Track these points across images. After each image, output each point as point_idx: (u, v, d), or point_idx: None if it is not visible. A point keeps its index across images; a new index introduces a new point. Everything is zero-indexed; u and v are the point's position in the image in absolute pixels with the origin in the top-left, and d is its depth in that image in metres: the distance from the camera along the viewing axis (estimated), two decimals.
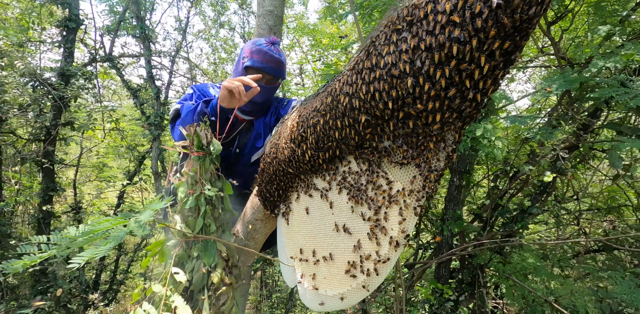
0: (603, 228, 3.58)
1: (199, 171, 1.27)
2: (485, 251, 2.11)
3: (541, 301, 1.83)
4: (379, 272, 0.89)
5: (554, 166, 2.11)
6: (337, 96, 0.92)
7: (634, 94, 1.33)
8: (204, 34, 7.81)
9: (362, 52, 0.87)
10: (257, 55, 1.57)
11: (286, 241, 1.26)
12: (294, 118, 1.16)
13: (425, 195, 0.81)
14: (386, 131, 0.84)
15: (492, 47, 0.65)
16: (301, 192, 1.19)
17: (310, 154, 1.07)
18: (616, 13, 1.65)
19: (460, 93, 0.70)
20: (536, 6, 0.62)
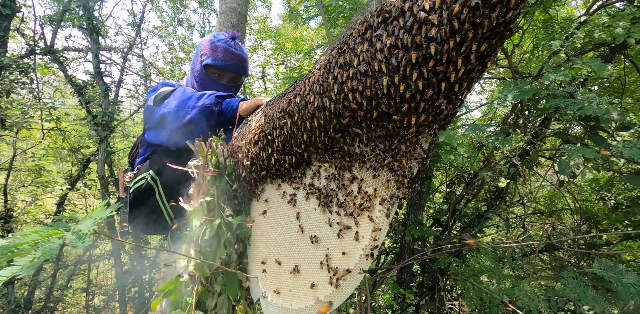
0: (545, 230, 3.85)
1: (216, 194, 1.15)
2: (445, 255, 2.15)
3: (497, 302, 1.90)
4: (348, 283, 0.83)
5: (508, 172, 2.23)
6: (306, 95, 0.87)
7: (580, 105, 1.42)
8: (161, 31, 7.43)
9: (334, 50, 0.83)
10: (218, 52, 1.46)
11: (250, 250, 1.17)
12: (258, 119, 1.09)
13: (398, 201, 0.78)
14: (359, 133, 0.80)
15: (470, 49, 0.64)
16: (264, 198, 1.12)
17: (276, 157, 1.00)
18: (563, 30, 1.78)
19: (437, 95, 0.68)
20: (513, 10, 0.62)
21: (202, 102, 1.22)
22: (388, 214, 0.79)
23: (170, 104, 1.29)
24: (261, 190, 1.13)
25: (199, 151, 1.22)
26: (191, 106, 1.24)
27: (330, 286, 0.86)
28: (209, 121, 1.25)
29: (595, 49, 1.99)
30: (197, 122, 1.25)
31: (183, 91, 1.32)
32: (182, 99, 1.28)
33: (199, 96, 1.26)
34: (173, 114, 1.27)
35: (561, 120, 2.29)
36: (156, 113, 1.34)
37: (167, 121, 1.29)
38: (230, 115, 1.27)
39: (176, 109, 1.26)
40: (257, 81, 6.29)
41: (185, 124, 1.25)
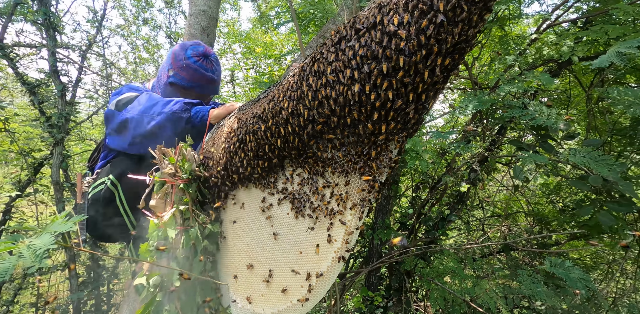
0: (502, 232, 4.09)
1: (190, 202, 1.10)
2: (411, 257, 2.23)
3: (459, 301, 1.99)
4: (321, 286, 0.85)
5: (468, 177, 2.36)
6: (280, 102, 0.88)
7: (533, 115, 1.54)
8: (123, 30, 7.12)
9: (308, 59, 0.86)
10: (185, 72, 1.39)
11: (219, 256, 1.15)
12: (230, 124, 1.09)
13: (369, 204, 0.81)
14: (331, 139, 0.83)
15: (435, 63, 0.69)
16: (236, 203, 1.11)
17: (249, 162, 1.00)
18: (517, 46, 1.93)
19: (405, 105, 0.72)
20: (474, 28, 0.68)
21: (170, 108, 1.19)
22: (360, 217, 0.82)
23: (133, 110, 1.24)
24: (233, 195, 1.12)
25: (169, 157, 1.19)
26: (157, 112, 1.20)
27: (303, 290, 0.87)
28: (175, 128, 1.21)
29: (544, 64, 2.18)
30: (162, 129, 1.21)
31: (148, 97, 1.28)
32: (147, 105, 1.23)
33: (166, 102, 1.22)
34: (136, 120, 1.22)
35: (515, 129, 2.47)
36: (117, 118, 1.28)
37: (130, 126, 1.25)
38: (199, 122, 1.24)
39: (140, 115, 1.22)
40: (226, 84, 6.20)
41: (149, 131, 1.21)
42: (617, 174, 1.43)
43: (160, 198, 1.20)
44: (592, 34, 1.76)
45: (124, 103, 1.29)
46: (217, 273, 1.15)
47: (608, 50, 1.21)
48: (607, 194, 1.81)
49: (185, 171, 1.16)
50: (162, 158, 1.21)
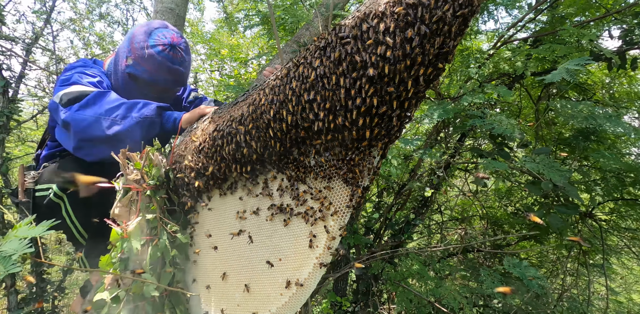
0: (459, 235, 4.30)
1: (158, 210, 1.02)
2: (378, 261, 2.27)
3: (424, 303, 2.05)
4: (301, 293, 0.84)
5: (432, 183, 2.47)
6: (261, 105, 0.86)
7: (494, 124, 1.65)
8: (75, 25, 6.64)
9: (290, 63, 0.85)
10: (147, 64, 1.21)
11: (189, 266, 1.09)
12: (205, 127, 1.05)
13: (351, 210, 0.82)
14: (315, 144, 0.83)
15: (418, 72, 0.71)
16: (210, 209, 1.07)
17: (225, 166, 0.97)
18: (476, 60, 2.07)
19: (390, 111, 0.74)
20: (453, 40, 0.71)
21: (140, 113, 1.10)
22: (342, 223, 0.82)
23: (86, 111, 1.09)
24: (207, 201, 1.07)
25: (135, 163, 1.11)
26: (121, 115, 1.09)
27: (283, 298, 0.85)
28: (147, 133, 1.12)
29: (500, 78, 2.35)
30: (129, 134, 1.09)
31: (106, 96, 1.13)
32: (106, 108, 1.09)
33: (131, 104, 1.11)
34: (90, 123, 1.08)
35: (475, 137, 2.63)
36: (60, 115, 1.11)
37: (76, 129, 1.09)
38: (171, 128, 1.17)
39: (96, 118, 1.08)
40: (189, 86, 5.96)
41: (111, 137, 1.08)
42: (565, 179, 1.57)
43: (125, 206, 1.12)
44: (542, 51, 1.93)
45: (72, 99, 1.12)
46: (186, 283, 1.09)
47: (558, 66, 1.33)
48: (556, 198, 1.97)
49: (152, 177, 1.09)
50: (127, 163, 1.13)
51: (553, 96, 2.76)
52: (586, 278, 2.70)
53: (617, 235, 2.66)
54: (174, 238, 1.04)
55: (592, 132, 2.22)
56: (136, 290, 0.94)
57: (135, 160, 1.10)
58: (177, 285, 1.04)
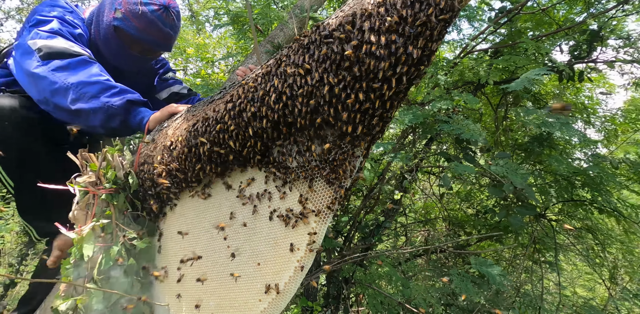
0: (423, 237, 4.44)
1: (113, 215, 0.92)
2: (349, 264, 2.27)
3: (395, 304, 2.08)
4: (281, 298, 0.80)
5: (400, 186, 2.53)
6: (240, 103, 0.83)
7: (462, 129, 1.72)
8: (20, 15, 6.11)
9: (272, 61, 0.83)
10: (138, 20, 1.17)
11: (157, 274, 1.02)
12: (177, 126, 0.99)
13: (334, 211, 0.80)
14: (297, 141, 0.81)
15: (402, 71, 0.72)
16: (181, 213, 1.01)
17: (199, 167, 0.92)
18: (443, 68, 2.17)
19: (372, 109, 0.74)
20: (435, 42, 0.73)
21: (108, 99, 1.02)
22: (324, 224, 0.80)
23: (62, 75, 1.02)
24: (176, 204, 1.01)
25: (90, 164, 1.03)
26: (90, 94, 1.02)
27: (262, 304, 0.81)
28: (106, 123, 1.05)
29: (464, 86, 2.47)
30: (88, 116, 1.03)
31: (89, 67, 1.06)
32: (82, 79, 1.02)
33: (107, 86, 1.04)
34: (59, 90, 1.01)
35: (440, 141, 2.74)
36: (31, 63, 1.03)
37: (44, 88, 1.02)
38: (136, 126, 1.09)
39: (67, 87, 1.01)
40: None
41: (72, 110, 1.02)
42: (525, 182, 1.67)
43: (82, 209, 1.03)
44: (502, 62, 2.06)
45: (53, 54, 1.04)
46: (152, 293, 1.01)
47: (521, 76, 1.42)
48: (514, 200, 2.09)
49: (108, 180, 1.01)
50: (84, 164, 1.04)
51: (510, 104, 2.95)
52: (538, 274, 2.88)
53: (564, 234, 2.87)
54: (134, 246, 0.96)
55: (545, 139, 2.39)
56: (82, 301, 0.86)
57: (92, 161, 1.02)
58: (141, 296, 0.96)
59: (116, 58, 1.26)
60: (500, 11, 2.44)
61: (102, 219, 0.98)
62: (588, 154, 2.20)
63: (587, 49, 2.26)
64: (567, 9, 2.44)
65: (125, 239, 0.96)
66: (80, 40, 1.17)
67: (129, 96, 1.04)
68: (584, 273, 4.47)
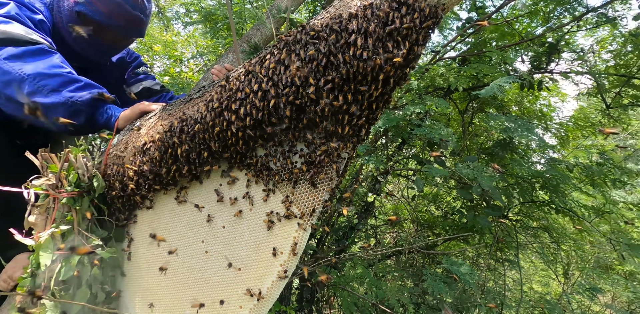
0: (393, 238, 4.53)
1: (75, 220, 0.83)
2: (323, 267, 2.27)
3: (368, 305, 2.10)
4: (263, 304, 0.78)
5: (374, 188, 2.57)
6: (223, 102, 0.80)
7: (437, 133, 1.77)
8: None
9: (255, 59, 0.81)
10: (103, 3, 1.07)
11: (125, 284, 0.96)
12: (151, 126, 0.94)
13: (319, 214, 0.79)
14: (282, 143, 0.79)
15: (389, 74, 0.73)
16: (154, 218, 0.95)
17: (177, 168, 0.87)
18: (416, 73, 2.24)
19: (359, 111, 0.74)
20: (420, 46, 0.74)
21: (72, 94, 0.93)
22: (308, 227, 0.79)
23: (16, 64, 0.92)
24: (149, 208, 0.95)
25: (50, 165, 0.95)
26: (50, 87, 0.92)
27: (242, 310, 0.78)
28: (69, 119, 0.97)
29: (435, 91, 2.56)
30: (46, 112, 0.93)
31: (48, 57, 0.96)
32: (40, 70, 0.92)
33: (69, 80, 0.94)
34: (13, 81, 0.92)
35: (412, 145, 2.81)
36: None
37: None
38: (102, 124, 1.01)
39: (22, 78, 0.91)
40: None
41: (27, 103, 0.92)
42: (492, 184, 1.75)
43: (41, 214, 0.95)
44: (471, 69, 2.16)
45: (4, 40, 0.94)
46: (121, 302, 0.95)
47: (491, 83, 1.49)
48: (482, 202, 2.19)
49: (70, 183, 0.94)
50: (45, 165, 0.96)
51: (476, 110, 3.09)
52: (500, 272, 3.03)
53: (523, 233, 3.04)
54: (100, 253, 0.90)
55: (507, 144, 2.52)
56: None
57: (52, 162, 0.94)
58: (106, 306, 0.90)
59: (82, 47, 1.17)
60: (467, 22, 2.56)
61: (62, 224, 0.91)
62: (546, 157, 2.36)
63: (545, 60, 2.43)
64: (527, 22, 2.60)
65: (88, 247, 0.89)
66: (41, 27, 1.07)
67: (95, 92, 0.96)
68: (540, 269, 4.76)
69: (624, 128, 3.87)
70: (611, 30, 2.60)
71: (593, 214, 2.29)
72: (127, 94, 1.43)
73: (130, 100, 1.39)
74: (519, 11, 2.68)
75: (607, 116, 3.10)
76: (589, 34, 2.94)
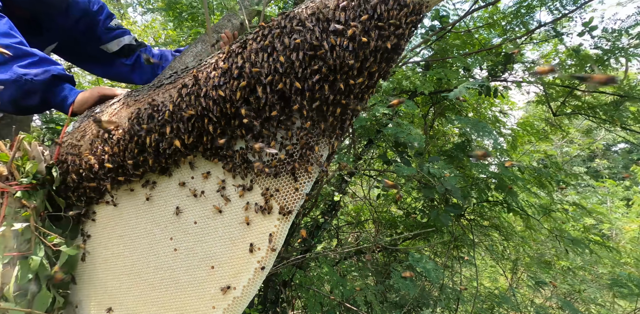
0: (353, 238, 4.59)
1: (33, 217, 0.71)
2: (289, 267, 2.23)
3: (334, 304, 2.09)
4: (238, 303, 0.74)
5: (340, 188, 2.58)
6: (199, 88, 0.75)
7: (406, 133, 1.82)
8: None
9: (235, 45, 0.77)
10: None
11: (77, 287, 0.86)
12: (114, 112, 0.86)
13: (299, 208, 0.77)
14: (262, 134, 0.75)
15: (374, 65, 0.72)
16: (115, 213, 0.87)
17: (144, 159, 0.80)
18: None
19: (345, 101, 0.73)
20: (405, 41, 0.75)
21: (27, 71, 0.82)
22: (287, 222, 0.76)
23: None
24: (109, 203, 0.87)
25: (1, 154, 0.83)
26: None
27: (215, 311, 0.73)
28: (16, 101, 0.85)
29: (402, 93, 2.63)
30: None
31: None
32: None
33: (22, 53, 0.83)
34: None
35: (379, 145, 2.87)
36: None
37: None
38: (57, 106, 0.91)
39: None
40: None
41: None
42: (454, 183, 1.83)
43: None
44: (436, 74, 2.25)
45: None
46: (72, 309, 0.85)
47: (459, 86, 1.56)
48: (443, 201, 2.28)
49: (26, 174, 0.83)
50: None
51: (437, 113, 3.23)
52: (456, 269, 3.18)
53: (477, 232, 3.22)
54: (59, 253, 0.80)
55: (465, 146, 2.66)
56: None
57: (2, 150, 0.83)
58: (61, 311, 0.80)
59: None
60: (430, 29, 2.68)
61: (15, 222, 0.80)
62: (500, 160, 2.51)
63: (501, 69, 2.60)
64: (485, 32, 2.77)
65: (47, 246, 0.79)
66: None
67: (53, 69, 0.86)
68: (489, 266, 5.07)
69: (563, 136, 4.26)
70: (554, 45, 2.86)
71: (541, 213, 2.47)
72: (105, 51, 1.29)
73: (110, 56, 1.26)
74: (477, 23, 2.86)
75: (549, 124, 3.39)
76: (535, 48, 3.21)
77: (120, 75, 1.41)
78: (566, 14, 2.13)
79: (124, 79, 1.45)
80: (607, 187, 6.17)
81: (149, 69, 1.39)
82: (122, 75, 1.40)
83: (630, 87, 2.33)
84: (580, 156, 8.47)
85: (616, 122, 2.19)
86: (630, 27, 2.20)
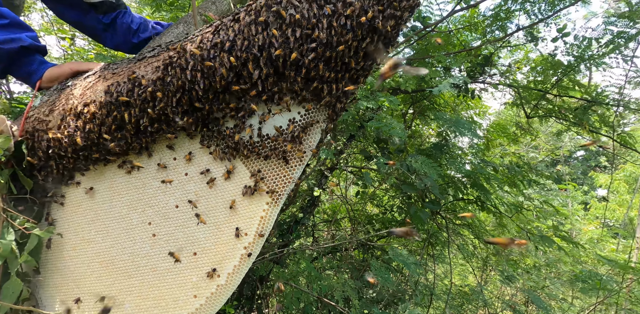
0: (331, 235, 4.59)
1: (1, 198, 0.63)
2: (265, 262, 2.18)
3: (312, 299, 2.06)
4: (221, 292, 0.69)
5: (320, 183, 2.56)
6: (188, 61, 0.70)
7: (390, 127, 1.81)
8: None
9: (228, 18, 0.72)
10: None
11: (42, 276, 0.79)
12: (89, 86, 0.79)
13: (289, 191, 0.73)
14: (252, 112, 0.72)
15: (372, 44, 0.70)
16: (85, 195, 0.80)
17: (121, 136, 0.74)
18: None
19: (340, 81, 0.71)
20: (402, 25, 0.74)
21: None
22: (277, 206, 0.72)
23: None
24: (80, 183, 0.80)
25: None
26: None
27: (197, 300, 0.68)
28: None
29: (386, 90, 2.65)
30: None
31: None
32: None
33: None
34: None
35: (360, 141, 2.88)
36: None
37: None
38: (23, 78, 0.84)
39: None
40: None
41: None
42: (433, 180, 1.86)
43: None
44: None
45: None
46: (37, 299, 0.77)
47: (443, 82, 1.58)
48: (420, 198, 2.31)
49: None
50: None
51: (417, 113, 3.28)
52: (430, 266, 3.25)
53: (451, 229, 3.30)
54: (30, 237, 0.73)
55: (443, 146, 2.72)
56: None
57: None
58: (25, 303, 0.73)
59: None
60: (412, 29, 2.71)
61: None
62: (477, 159, 2.58)
63: (479, 71, 2.68)
64: (467, 32, 2.84)
65: (18, 229, 0.71)
66: None
67: (23, 39, 0.78)
68: (460, 264, 5.22)
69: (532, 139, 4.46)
70: (526, 52, 2.98)
71: (513, 210, 2.56)
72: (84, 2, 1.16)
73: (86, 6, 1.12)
74: (456, 25, 2.93)
75: (519, 128, 3.54)
76: (507, 56, 3.34)
77: (91, 30, 1.25)
78: (543, 19, 2.22)
79: (94, 36, 1.30)
80: (569, 189, 6.52)
81: (122, 33, 1.26)
82: (93, 31, 1.25)
83: (597, 93, 2.46)
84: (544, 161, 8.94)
85: (585, 125, 2.30)
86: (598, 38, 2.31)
